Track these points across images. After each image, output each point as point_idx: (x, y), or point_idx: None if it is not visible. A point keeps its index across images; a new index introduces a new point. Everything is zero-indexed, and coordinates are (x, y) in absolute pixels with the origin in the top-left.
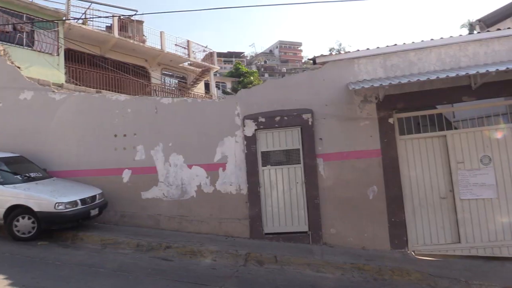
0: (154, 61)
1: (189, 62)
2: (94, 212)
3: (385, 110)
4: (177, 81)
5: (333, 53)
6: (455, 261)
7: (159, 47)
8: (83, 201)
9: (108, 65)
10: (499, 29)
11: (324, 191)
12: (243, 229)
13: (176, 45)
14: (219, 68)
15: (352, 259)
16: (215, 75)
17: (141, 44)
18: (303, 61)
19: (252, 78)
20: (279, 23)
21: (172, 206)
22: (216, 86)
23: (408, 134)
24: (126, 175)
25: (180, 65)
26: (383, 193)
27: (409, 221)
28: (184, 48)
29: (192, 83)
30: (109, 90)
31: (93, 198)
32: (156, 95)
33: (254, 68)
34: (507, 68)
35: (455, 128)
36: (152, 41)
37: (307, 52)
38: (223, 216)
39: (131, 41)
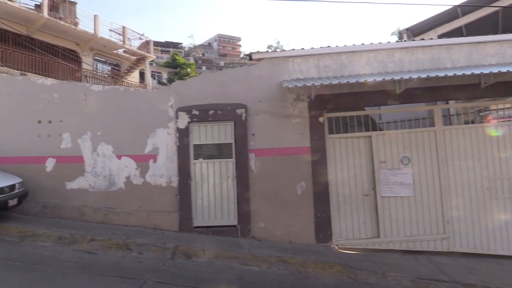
0: (86, 46)
1: (124, 49)
2: (12, 202)
3: (316, 109)
4: (110, 68)
5: (271, 50)
6: (374, 255)
7: (92, 31)
8: (0, 190)
9: (35, 47)
10: (423, 39)
11: (255, 186)
12: (172, 222)
13: (111, 30)
14: (155, 57)
15: (279, 252)
16: (151, 64)
17: (73, 26)
18: (241, 56)
19: (189, 70)
20: (219, 17)
21: (99, 198)
22: (152, 76)
23: (336, 133)
24: (49, 164)
25: (114, 51)
26: (310, 189)
27: (334, 217)
28: (119, 34)
29: (126, 71)
30: (35, 73)
31: (11, 187)
32: (87, 81)
33: (191, 60)
34: (428, 76)
35: (380, 130)
36: (85, 25)
37: (246, 48)
38: (152, 208)
39: (62, 22)
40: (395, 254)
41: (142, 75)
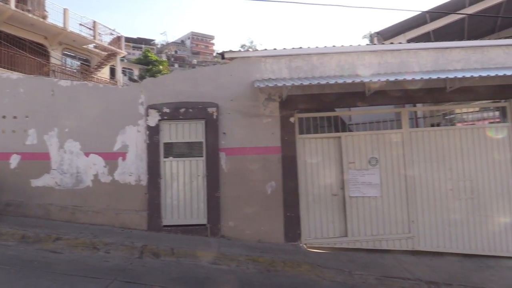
0: (55, 40)
1: (94, 45)
2: None
3: (287, 109)
4: (79, 64)
5: (244, 49)
6: (342, 253)
7: (61, 25)
8: None
9: (0, 39)
10: (392, 43)
11: (225, 185)
12: (141, 221)
13: (81, 24)
14: (126, 53)
15: (248, 251)
16: (122, 60)
17: (41, 19)
18: (214, 54)
19: (161, 67)
20: (192, 14)
21: (65, 196)
22: (123, 72)
23: (307, 133)
24: (14, 161)
25: (84, 46)
26: (280, 189)
27: (303, 216)
28: (90, 29)
29: (96, 66)
30: (0, 67)
31: None
32: (55, 76)
33: (164, 57)
34: (396, 79)
35: (350, 131)
36: (54, 18)
37: (220, 46)
38: (120, 207)
39: (30, 15)
40: (362, 253)
41: (112, 71)
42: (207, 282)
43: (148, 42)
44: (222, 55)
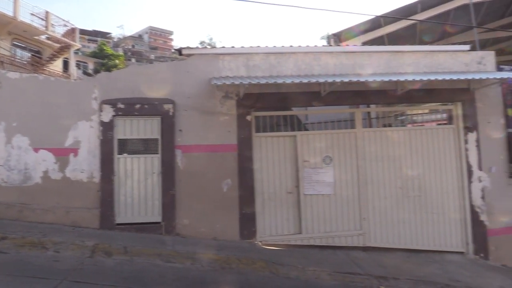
0: (3, 29)
1: (46, 36)
2: None
3: (244, 107)
4: (30, 55)
5: (203, 46)
6: (296, 250)
7: (11, 13)
8: None
9: None
10: (347, 45)
11: (180, 183)
12: (93, 219)
13: (32, 14)
14: (81, 46)
15: (203, 249)
16: (76, 53)
17: None
18: (173, 50)
19: (117, 61)
20: (151, 8)
21: (12, 193)
22: (77, 66)
23: (263, 132)
24: None
25: (36, 37)
26: (236, 187)
27: (258, 214)
28: (42, 19)
29: (48, 59)
30: None
31: None
32: (3, 68)
33: (120, 51)
34: (350, 80)
35: (306, 130)
36: (3, 6)
37: (178, 42)
38: (71, 205)
39: None
40: (315, 250)
41: (66, 64)
42: (160, 281)
43: (104, 35)
44: (179, 51)
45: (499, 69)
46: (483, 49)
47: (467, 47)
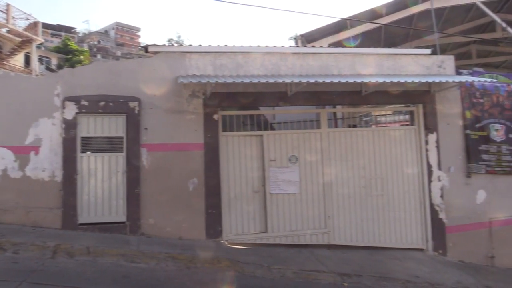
0: None
1: (7, 29)
2: None
3: (211, 106)
4: None
5: (170, 44)
6: (262, 249)
7: None
8: None
9: None
10: (313, 46)
11: (146, 182)
12: (54, 219)
13: None
14: (43, 41)
15: (168, 249)
16: (38, 48)
17: None
18: (139, 47)
19: (82, 57)
20: (118, 4)
21: None
22: (39, 61)
23: (230, 131)
24: None
25: None
26: (202, 186)
27: (225, 213)
28: (3, 12)
29: (8, 53)
30: None
31: None
32: None
33: (85, 47)
34: (316, 81)
35: (273, 129)
36: None
37: (146, 38)
38: (32, 204)
39: None
40: (281, 248)
41: (28, 59)
42: (124, 281)
43: (68, 30)
44: (145, 48)
45: (458, 73)
46: (444, 53)
47: (428, 51)
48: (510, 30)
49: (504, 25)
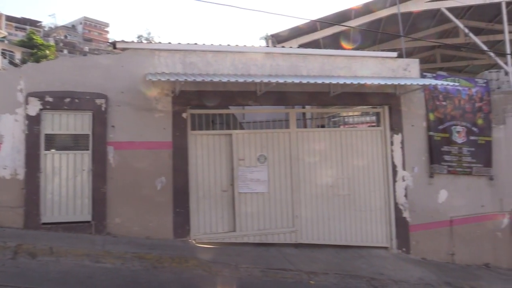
0: None
1: None
2: None
3: (180, 104)
4: None
5: (139, 41)
6: (230, 248)
7: None
8: None
9: None
10: (283, 47)
11: (112, 180)
12: (16, 218)
13: None
14: (7, 34)
15: (135, 248)
16: (1, 41)
17: None
18: (108, 43)
19: (48, 52)
20: None
21: None
22: (2, 55)
23: (199, 129)
24: None
25: None
26: (170, 185)
27: (193, 212)
28: None
29: None
30: None
31: None
32: None
33: (52, 42)
34: (285, 81)
35: (242, 129)
36: None
37: (115, 34)
38: None
39: None
40: (249, 247)
41: None
42: (88, 282)
43: (34, 23)
44: (113, 44)
45: (423, 76)
46: (410, 56)
47: (394, 54)
48: (472, 36)
49: (466, 31)
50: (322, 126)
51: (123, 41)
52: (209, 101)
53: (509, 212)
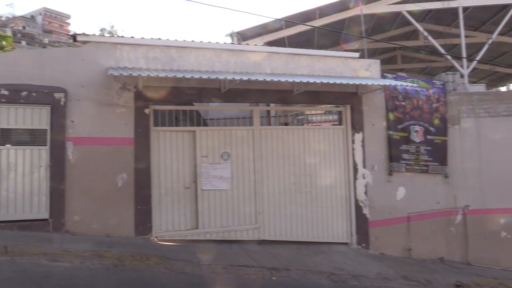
0: None
1: None
2: None
3: (142, 100)
4: None
5: (105, 34)
6: (192, 245)
7: None
8: None
9: None
10: (248, 44)
11: (71, 177)
12: None
13: None
14: None
15: (94, 246)
16: None
17: None
18: (69, 35)
19: (4, 43)
20: None
21: None
22: None
23: (162, 126)
24: None
25: None
26: (132, 181)
27: (155, 209)
28: None
29: None
30: None
31: None
32: None
33: (9, 32)
34: (249, 78)
35: (206, 125)
36: None
37: (76, 27)
38: None
39: None
40: (211, 244)
41: None
42: (45, 282)
43: None
44: (74, 37)
45: (383, 77)
46: (372, 57)
47: (356, 54)
48: (431, 39)
49: (425, 34)
50: (286, 124)
51: (84, 34)
52: (172, 97)
53: (462, 209)
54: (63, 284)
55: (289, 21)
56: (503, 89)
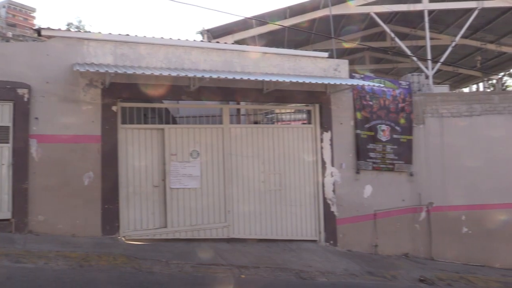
0: None
1: None
2: None
3: (109, 97)
4: None
5: (72, 29)
6: (161, 244)
7: None
8: None
9: None
10: (218, 42)
11: (35, 175)
12: None
13: None
14: None
15: (59, 247)
16: None
17: None
18: (33, 29)
19: None
20: None
21: None
22: None
23: (130, 123)
24: None
25: None
26: (99, 180)
27: (123, 208)
28: None
29: None
30: None
31: None
32: None
33: None
34: (219, 76)
35: (175, 123)
36: None
37: (42, 21)
38: None
39: None
40: (181, 243)
41: None
42: (7, 283)
43: None
44: (38, 31)
45: (352, 77)
46: (341, 57)
47: (326, 54)
48: (397, 41)
49: (392, 35)
50: (256, 123)
51: (49, 28)
52: (141, 95)
53: (426, 206)
54: (26, 286)
55: (259, 20)
56: (465, 90)
